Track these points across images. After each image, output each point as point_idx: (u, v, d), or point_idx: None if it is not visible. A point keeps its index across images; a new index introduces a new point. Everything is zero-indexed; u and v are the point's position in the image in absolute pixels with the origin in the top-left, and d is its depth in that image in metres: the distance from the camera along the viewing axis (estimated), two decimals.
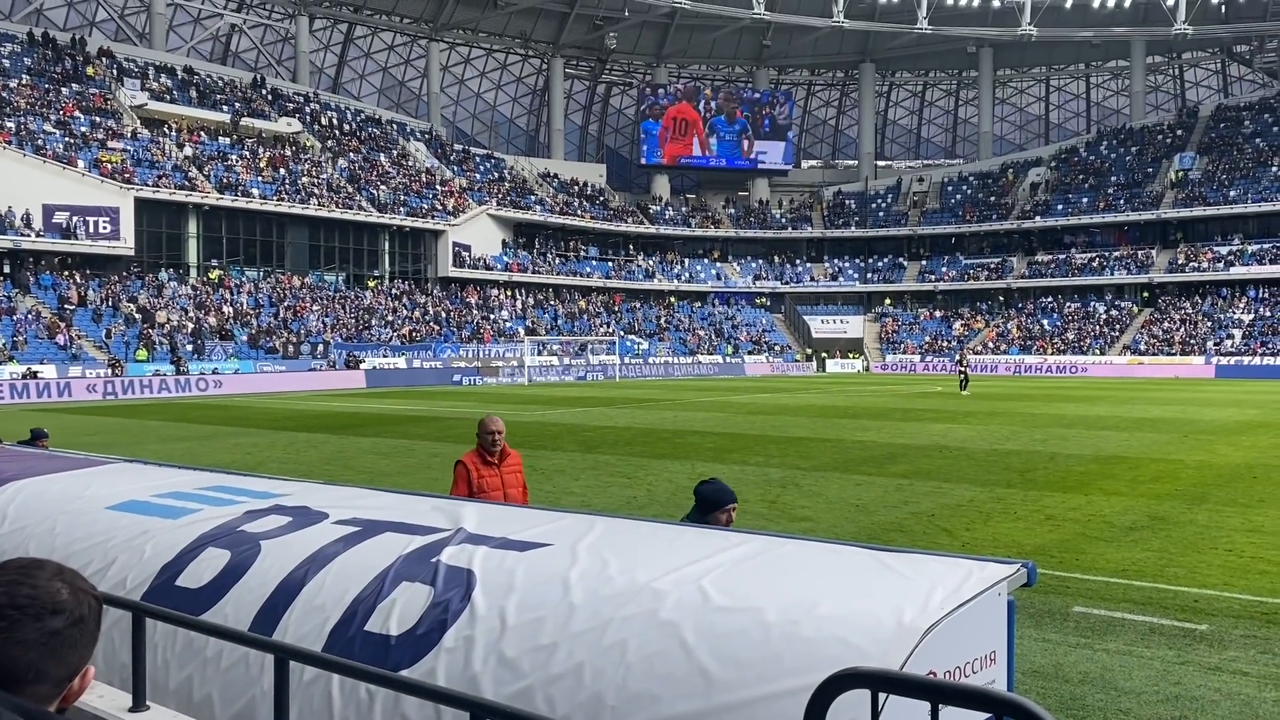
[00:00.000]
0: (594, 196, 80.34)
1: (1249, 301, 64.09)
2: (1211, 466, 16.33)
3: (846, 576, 3.02)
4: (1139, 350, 62.48)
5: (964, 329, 72.65)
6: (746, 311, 77.69)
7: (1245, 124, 75.07)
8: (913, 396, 37.66)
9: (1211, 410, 29.10)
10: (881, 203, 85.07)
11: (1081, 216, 72.86)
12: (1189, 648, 6.96)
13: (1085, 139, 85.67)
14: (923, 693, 1.89)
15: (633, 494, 13.76)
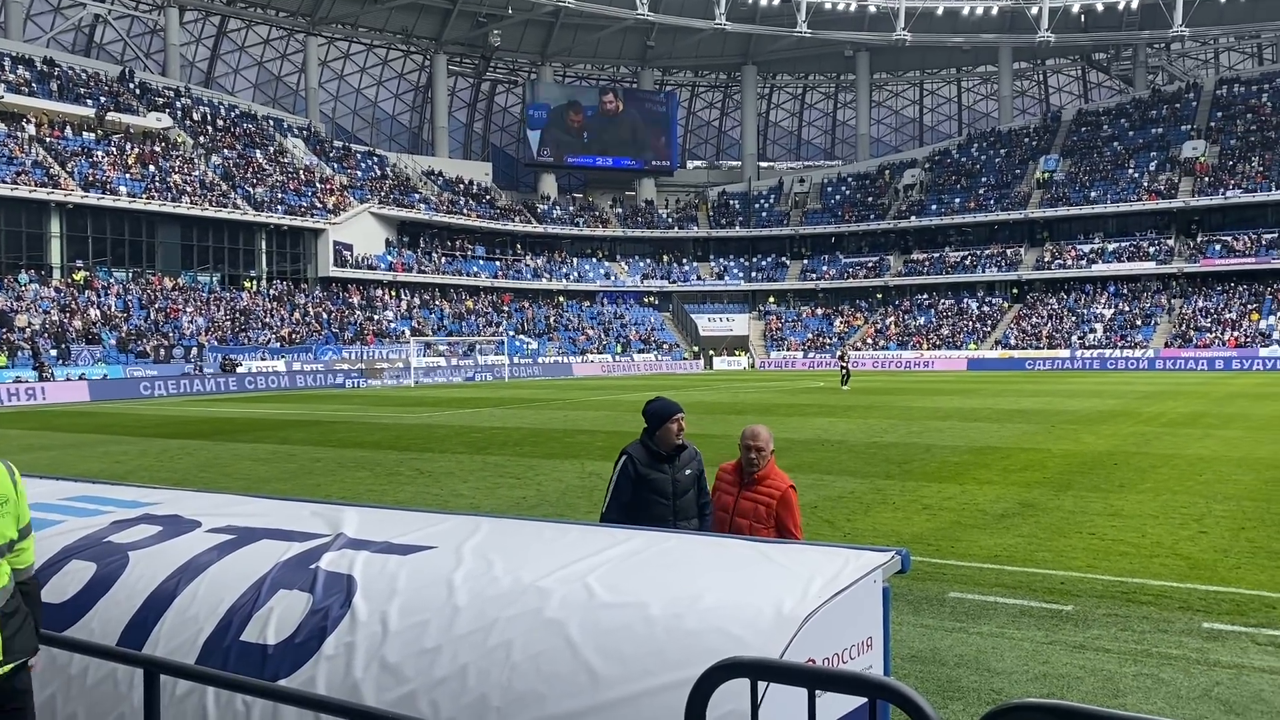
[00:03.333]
0: (480, 195, 79.56)
1: (1109, 297, 67.50)
2: (1076, 455, 17.14)
3: (729, 569, 3.08)
4: (1009, 344, 65.12)
5: (844, 326, 74.55)
6: (635, 310, 78.10)
7: (1104, 128, 79.02)
8: (796, 392, 38.46)
9: (1076, 401, 30.55)
10: (765, 203, 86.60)
11: (954, 216, 75.56)
12: (1056, 628, 7.29)
13: (957, 141, 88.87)
14: (800, 679, 1.94)
15: (522, 494, 13.70)
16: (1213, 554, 9.52)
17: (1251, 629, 7.18)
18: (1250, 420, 23.21)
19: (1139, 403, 29.52)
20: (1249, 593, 8.14)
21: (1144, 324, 63.40)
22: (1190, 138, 72.31)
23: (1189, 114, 76.15)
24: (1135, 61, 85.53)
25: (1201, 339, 59.72)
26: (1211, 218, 67.51)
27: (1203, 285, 65.32)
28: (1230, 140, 71.41)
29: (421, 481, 15.02)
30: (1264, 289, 62.56)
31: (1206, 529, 10.69)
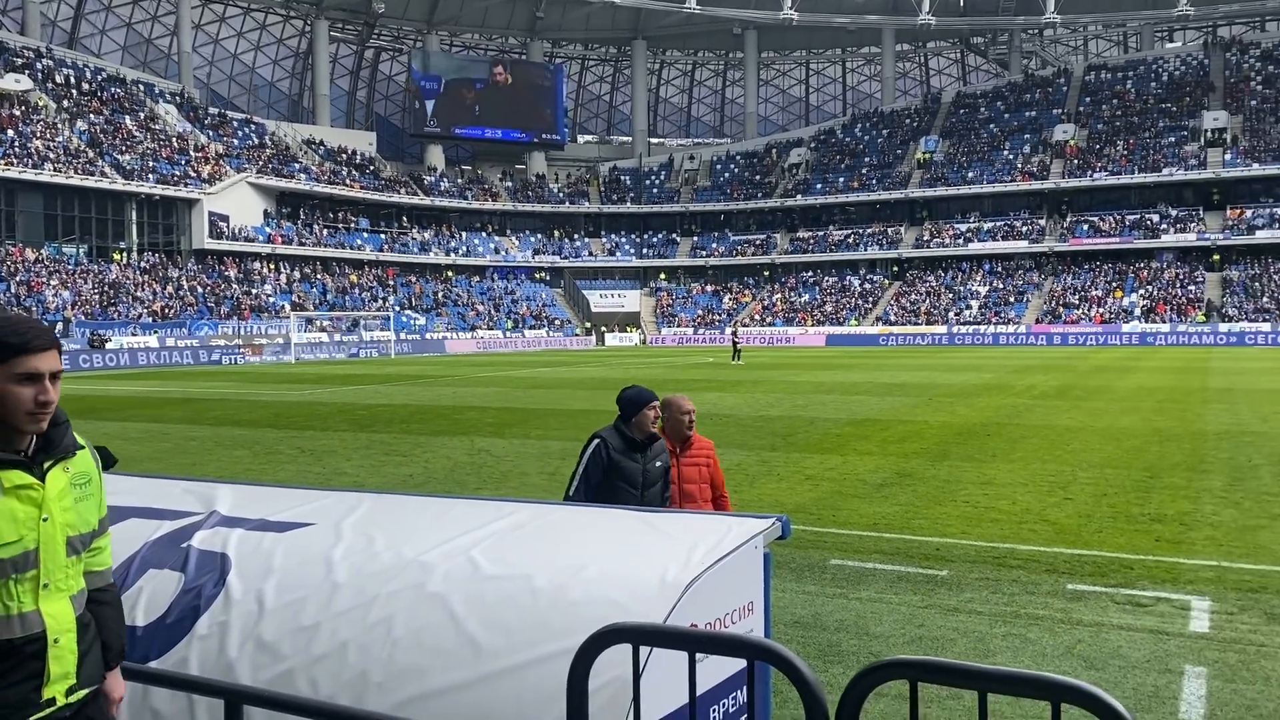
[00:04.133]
0: (364, 166, 77.64)
1: (984, 275, 70.05)
2: (952, 426, 17.78)
3: (614, 539, 3.09)
4: (890, 320, 67.03)
5: (733, 303, 75.56)
6: (526, 286, 77.57)
7: (981, 110, 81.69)
8: (687, 368, 38.84)
9: (952, 375, 31.66)
10: (655, 179, 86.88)
11: (839, 195, 77.19)
12: (932, 592, 7.56)
13: (841, 121, 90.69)
14: (680, 643, 1.96)
15: (409, 472, 13.50)
16: (1077, 519, 10.01)
17: (1111, 589, 7.58)
18: (1113, 393, 24.43)
19: (1011, 376, 30.77)
20: (1109, 555, 8.58)
21: (1017, 301, 66.02)
22: (1061, 121, 75.35)
23: (1060, 98, 79.30)
24: (1011, 46, 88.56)
25: (1070, 315, 62.54)
26: (1080, 199, 70.60)
27: (1071, 264, 68.33)
28: (1098, 125, 74.70)
29: (303, 460, 14.66)
30: (1127, 268, 65.81)
31: (1072, 496, 11.23)
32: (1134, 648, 6.27)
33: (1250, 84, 73.10)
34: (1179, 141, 69.66)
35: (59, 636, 2.39)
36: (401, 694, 2.62)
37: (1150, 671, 5.86)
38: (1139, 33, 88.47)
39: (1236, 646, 6.25)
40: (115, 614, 2.64)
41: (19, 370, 2.34)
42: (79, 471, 2.52)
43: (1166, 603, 7.22)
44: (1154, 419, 18.38)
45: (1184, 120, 71.66)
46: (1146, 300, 61.96)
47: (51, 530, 2.39)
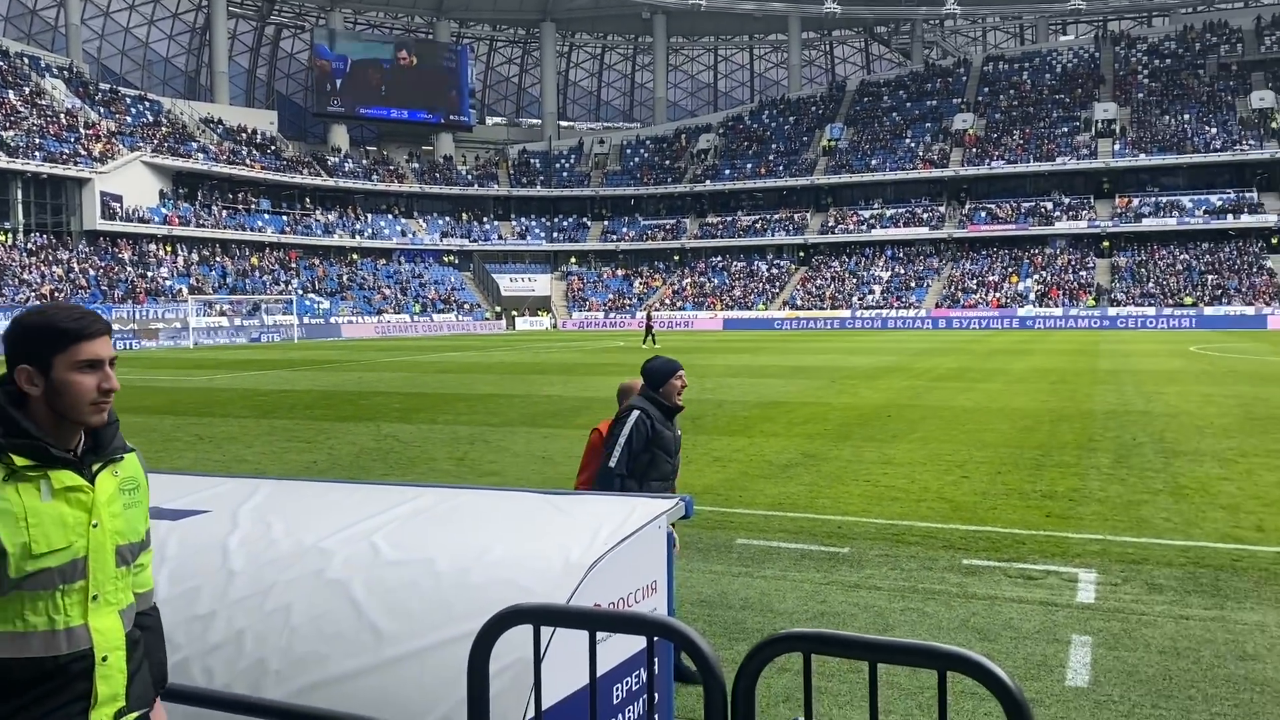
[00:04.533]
0: (265, 145, 75.50)
1: (887, 260, 71.60)
2: (855, 408, 18.17)
3: (518, 521, 3.09)
4: (796, 305, 68.07)
5: (644, 287, 75.81)
6: (434, 269, 76.54)
7: (884, 99, 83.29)
8: (598, 352, 38.87)
9: (856, 358, 32.33)
10: (565, 163, 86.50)
11: (746, 181, 77.96)
12: (834, 569, 7.75)
13: (749, 108, 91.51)
14: (580, 623, 1.97)
15: (313, 459, 13.24)
16: (973, 496, 10.35)
17: (1004, 563, 7.86)
18: (1008, 374, 25.25)
19: (912, 359, 31.56)
20: (1003, 530, 8.90)
21: (918, 286, 67.67)
22: (961, 111, 77.30)
23: (960, 88, 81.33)
24: (913, 36, 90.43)
25: (968, 300, 64.37)
26: (978, 186, 72.61)
27: (970, 250, 70.29)
28: (995, 114, 76.85)
29: (202, 448, 14.26)
30: (1022, 254, 67.98)
31: (968, 474, 11.59)
32: (1025, 619, 6.52)
33: (1138, 77, 76.03)
34: (1072, 132, 72.12)
35: (108, 654, 2.22)
36: (300, 681, 2.59)
37: (1040, 641, 6.11)
38: (1034, 25, 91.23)
39: (1119, 616, 6.55)
40: (159, 640, 2.47)
41: (80, 358, 2.19)
42: (128, 476, 2.35)
43: (1056, 575, 7.52)
44: (1046, 400, 19.06)
45: (1076, 111, 74.19)
46: (1041, 285, 64.11)
47: (101, 538, 2.22)
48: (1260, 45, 74.91)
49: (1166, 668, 5.62)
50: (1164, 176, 68.14)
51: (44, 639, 2.14)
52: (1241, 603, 6.79)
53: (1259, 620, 6.41)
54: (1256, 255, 62.08)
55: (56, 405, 2.18)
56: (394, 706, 2.54)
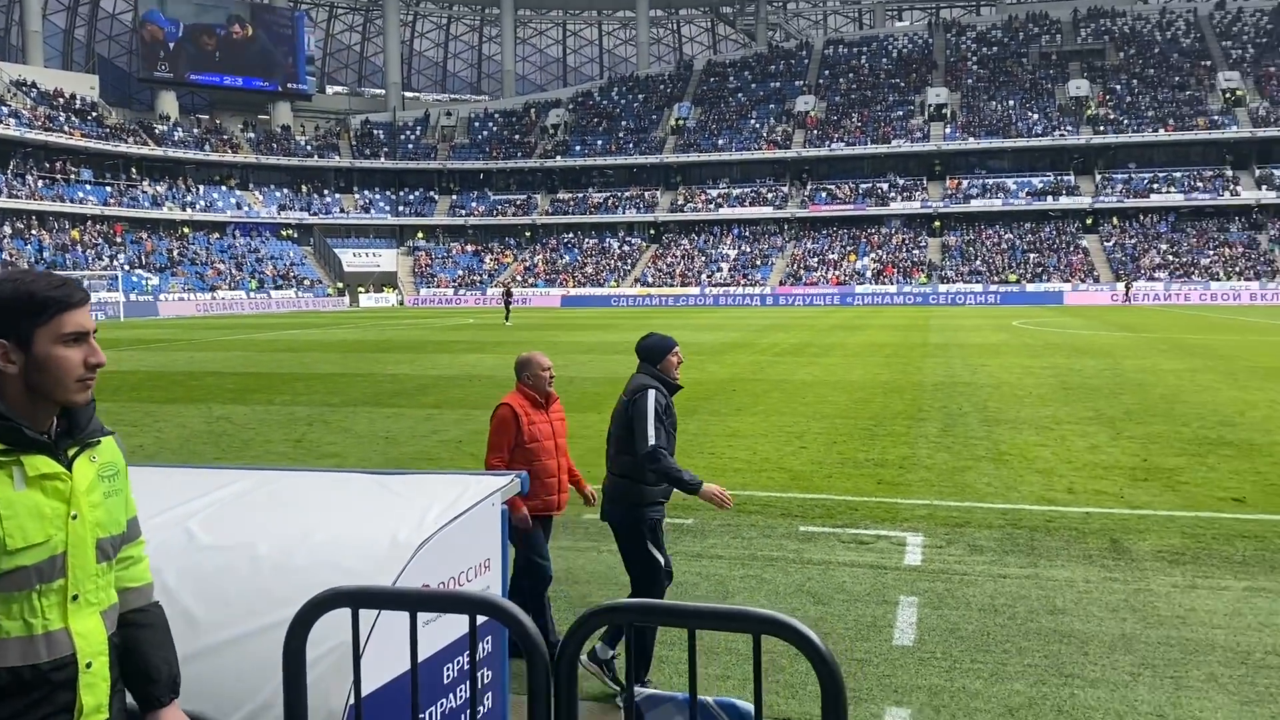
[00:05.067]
0: (85, 112, 70.77)
1: (734, 239, 73.02)
2: (702, 383, 18.50)
3: (346, 504, 3.01)
4: (648, 282, 68.71)
5: (495, 263, 75.00)
6: (272, 244, 73.61)
7: (730, 80, 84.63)
8: (446, 329, 38.26)
9: (703, 334, 32.90)
10: (411, 135, 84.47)
11: (597, 158, 77.98)
12: (678, 540, 7.88)
13: (599, 84, 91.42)
14: (400, 604, 1.94)
15: (139, 442, 12.56)
16: (810, 466, 10.70)
17: (838, 529, 8.17)
18: (846, 349, 26.19)
19: (756, 335, 32.35)
20: (838, 498, 9.25)
21: (763, 264, 69.31)
22: (803, 93, 79.31)
23: (802, 70, 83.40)
24: (757, 18, 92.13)
25: (810, 278, 66.37)
26: (819, 167, 74.77)
27: (811, 229, 72.41)
28: (835, 97, 79.18)
29: None
30: (860, 233, 70.49)
31: (806, 445, 11.98)
32: (856, 582, 6.80)
33: (967, 64, 79.68)
34: (906, 115, 75.04)
35: (91, 660, 1.99)
36: None
37: (870, 603, 6.38)
38: (872, 10, 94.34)
39: (943, 576, 6.90)
40: (161, 637, 2.21)
41: (65, 330, 1.96)
42: (106, 462, 2.11)
43: (886, 540, 7.87)
44: (880, 373, 19.87)
45: (911, 95, 77.21)
46: (877, 264, 66.67)
47: (81, 531, 1.99)
48: (1077, 36, 79.64)
49: (985, 624, 5.96)
50: (991, 159, 71.79)
51: (21, 646, 1.92)
52: (1053, 560, 7.26)
53: (1068, 576, 6.87)
54: (1073, 235, 66.23)
55: (37, 383, 1.96)
56: (213, 695, 2.44)
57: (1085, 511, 8.65)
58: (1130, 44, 77.56)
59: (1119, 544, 7.65)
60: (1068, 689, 5.05)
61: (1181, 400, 15.25)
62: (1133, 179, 67.39)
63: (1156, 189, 66.17)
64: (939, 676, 5.23)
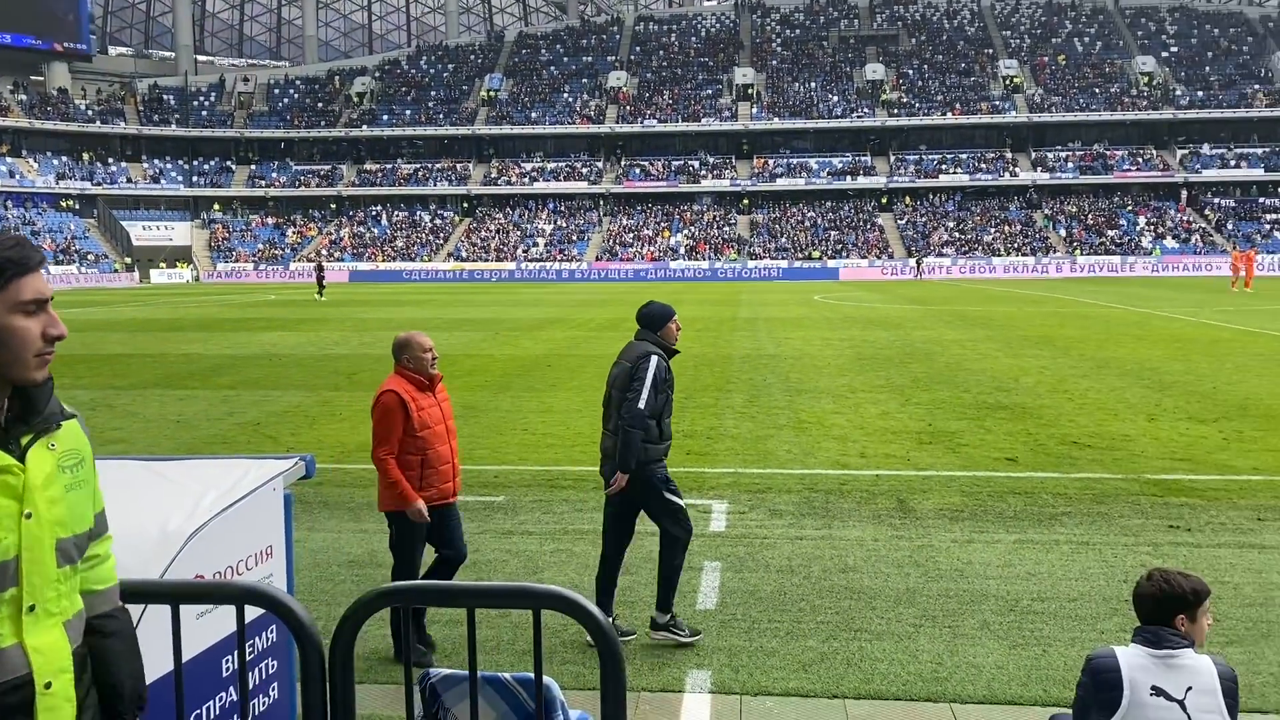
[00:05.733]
0: None
1: (549, 213, 72.82)
2: (516, 359, 18.42)
3: (116, 492, 2.82)
4: (461, 257, 67.63)
5: (298, 236, 71.98)
6: (50, 216, 67.98)
7: (543, 52, 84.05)
8: (245, 306, 36.49)
9: (518, 310, 32.73)
10: (205, 101, 79.76)
11: (406, 128, 75.92)
12: (489, 518, 7.83)
13: (406, 53, 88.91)
14: (161, 597, 1.84)
15: None
16: None
17: None
18: None
19: (572, 310, 32.45)
20: None
21: (579, 239, 69.49)
22: (615, 69, 79.69)
23: (614, 46, 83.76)
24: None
25: (626, 253, 67.04)
26: (633, 144, 75.44)
27: (626, 205, 73.08)
28: (647, 74, 79.98)
29: None
30: (674, 210, 71.70)
31: None
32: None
33: (772, 45, 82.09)
34: (715, 94, 76.67)
35: (51, 679, 1.70)
36: None
37: None
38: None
39: (745, 541, 7.15)
40: (129, 647, 1.90)
41: (24, 297, 1.70)
42: (68, 449, 1.80)
43: (693, 508, 8.04)
44: (692, 346, 20.31)
45: (719, 75, 78.91)
46: (690, 240, 68.05)
47: (38, 532, 1.69)
48: (873, 22, 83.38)
49: (782, 585, 6.22)
50: (795, 139, 74.37)
51: None
52: (846, 521, 7.64)
53: (859, 536, 7.25)
54: (870, 213, 69.57)
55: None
56: None
57: (876, 474, 9.15)
58: (921, 30, 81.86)
59: (905, 504, 8.13)
60: (856, 642, 5.34)
61: (963, 368, 16.32)
62: (923, 160, 71.35)
63: (945, 170, 70.31)
64: (738, 637, 5.42)
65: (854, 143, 73.43)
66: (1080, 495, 8.31)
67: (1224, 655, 4.97)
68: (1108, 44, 77.70)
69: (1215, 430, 10.93)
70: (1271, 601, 5.83)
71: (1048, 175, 68.76)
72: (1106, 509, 7.88)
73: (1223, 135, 69.37)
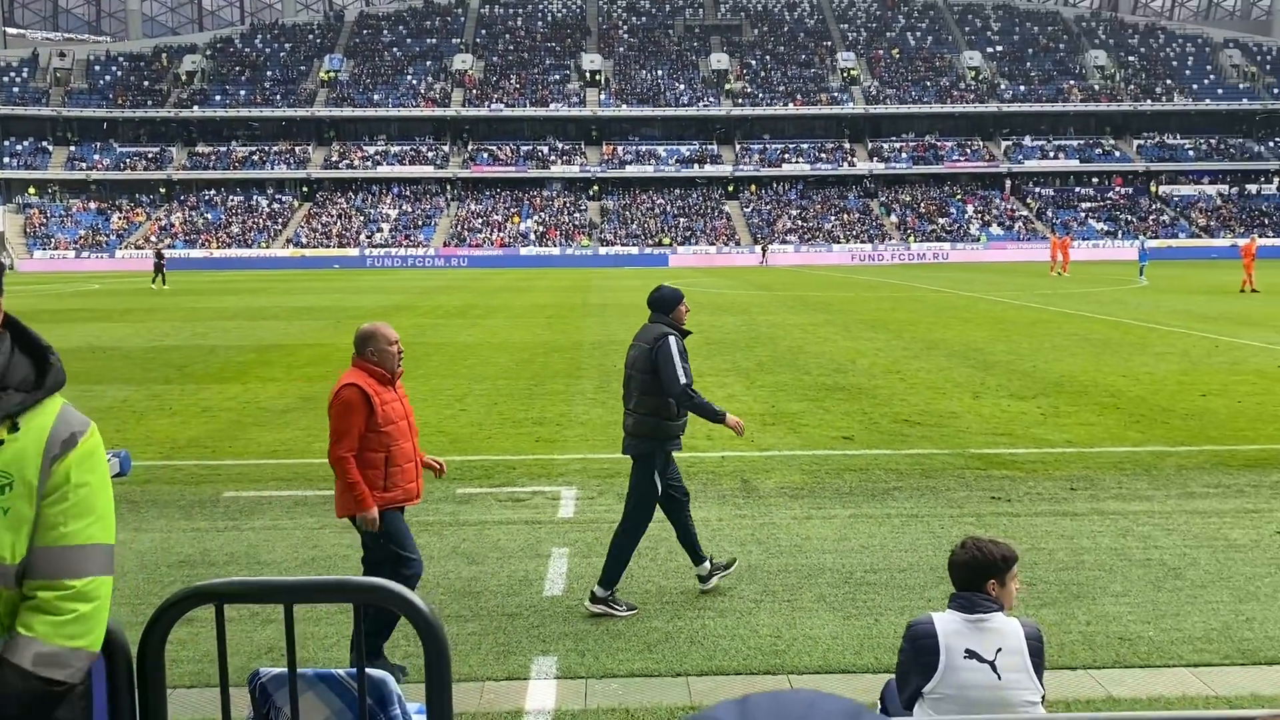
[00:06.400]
0: None
1: (394, 198, 71.15)
2: None
3: None
4: (301, 243, 65.36)
5: (124, 222, 68.04)
6: None
7: (385, 33, 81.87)
8: (66, 296, 34.29)
9: (363, 297, 31.91)
10: (17, 77, 74.27)
11: (241, 110, 72.71)
12: (328, 513, 7.59)
13: (240, 30, 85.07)
14: None
15: None
16: (470, 428, 10.73)
17: (495, 489, 8.27)
18: (510, 310, 26.45)
19: (418, 297, 31.85)
20: (496, 458, 9.35)
21: (426, 224, 68.17)
22: (460, 51, 78.39)
23: (459, 28, 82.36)
24: None
25: (474, 239, 66.18)
26: (480, 128, 74.43)
27: (475, 190, 72.10)
28: (494, 57, 79.01)
29: None
30: (523, 195, 71.18)
31: (467, 407, 11.99)
32: (511, 539, 6.92)
33: (619, 31, 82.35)
34: (563, 80, 76.42)
35: None
36: None
37: (524, 558, 6.52)
38: None
39: (593, 526, 7.19)
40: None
41: None
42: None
43: (541, 495, 8.07)
44: (542, 334, 20.27)
45: (567, 60, 78.66)
46: (540, 226, 67.72)
47: None
48: (717, 11, 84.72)
49: (630, 568, 6.26)
50: (643, 127, 74.90)
51: None
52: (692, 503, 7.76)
53: (704, 516, 7.39)
54: (718, 201, 70.84)
55: None
56: None
57: (721, 455, 9.35)
58: (763, 22, 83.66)
59: (749, 483, 8.35)
60: (700, 620, 5.46)
61: (805, 351, 16.84)
62: (767, 149, 73.06)
63: (788, 159, 72.22)
64: (585, 622, 5.45)
65: (701, 131, 74.51)
66: (910, 470, 8.71)
67: (1038, 617, 5.32)
68: (938, 39, 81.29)
69: (1034, 406, 11.64)
70: (1082, 565, 6.26)
71: (883, 165, 71.51)
72: (934, 483, 8.28)
73: (1042, 128, 73.71)
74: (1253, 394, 12.17)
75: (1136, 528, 7.00)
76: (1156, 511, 7.39)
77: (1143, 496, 7.81)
